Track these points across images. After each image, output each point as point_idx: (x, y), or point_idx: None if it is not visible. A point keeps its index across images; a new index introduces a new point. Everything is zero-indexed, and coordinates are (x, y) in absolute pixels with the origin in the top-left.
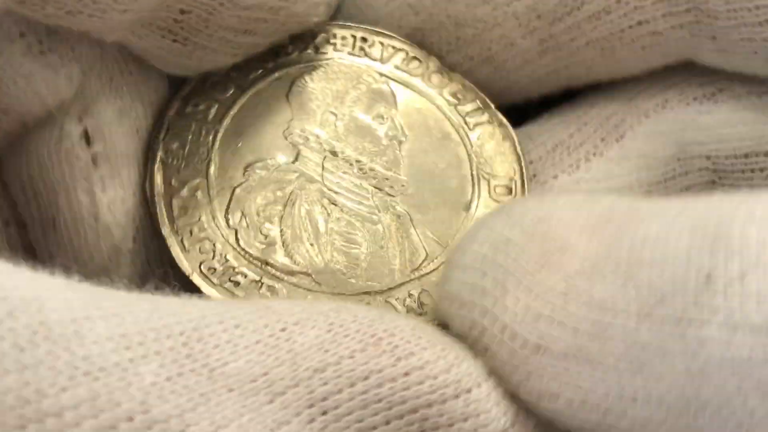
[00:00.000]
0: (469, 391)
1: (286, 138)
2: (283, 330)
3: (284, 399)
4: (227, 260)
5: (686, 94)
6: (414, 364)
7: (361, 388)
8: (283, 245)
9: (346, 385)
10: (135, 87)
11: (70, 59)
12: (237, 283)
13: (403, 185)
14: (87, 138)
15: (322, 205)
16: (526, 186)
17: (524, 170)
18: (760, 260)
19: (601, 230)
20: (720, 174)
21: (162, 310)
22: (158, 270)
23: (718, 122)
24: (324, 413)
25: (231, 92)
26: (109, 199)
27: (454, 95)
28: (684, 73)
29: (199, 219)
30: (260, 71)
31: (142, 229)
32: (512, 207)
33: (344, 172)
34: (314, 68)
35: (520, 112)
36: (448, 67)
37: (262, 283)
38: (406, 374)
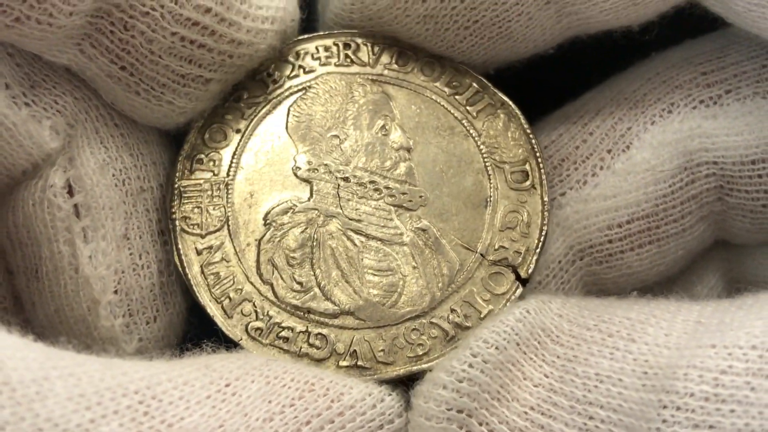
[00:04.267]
0: (391, 422)
1: (296, 175)
2: (227, 385)
3: None
4: (270, 317)
5: (692, 97)
6: (346, 403)
7: None
8: (320, 289)
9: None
10: (121, 138)
11: (54, 111)
12: (286, 339)
13: (421, 196)
14: (70, 188)
15: (347, 237)
16: (540, 164)
17: (535, 148)
18: (705, 421)
19: (550, 355)
20: (728, 179)
21: (114, 369)
22: (143, 324)
23: (724, 129)
24: None
25: (231, 139)
26: (90, 250)
27: (449, 84)
28: (690, 73)
29: (234, 282)
30: (253, 108)
31: (125, 281)
32: (468, 343)
33: (361, 197)
34: (306, 91)
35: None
36: (451, 54)
37: (309, 333)
38: (341, 414)
